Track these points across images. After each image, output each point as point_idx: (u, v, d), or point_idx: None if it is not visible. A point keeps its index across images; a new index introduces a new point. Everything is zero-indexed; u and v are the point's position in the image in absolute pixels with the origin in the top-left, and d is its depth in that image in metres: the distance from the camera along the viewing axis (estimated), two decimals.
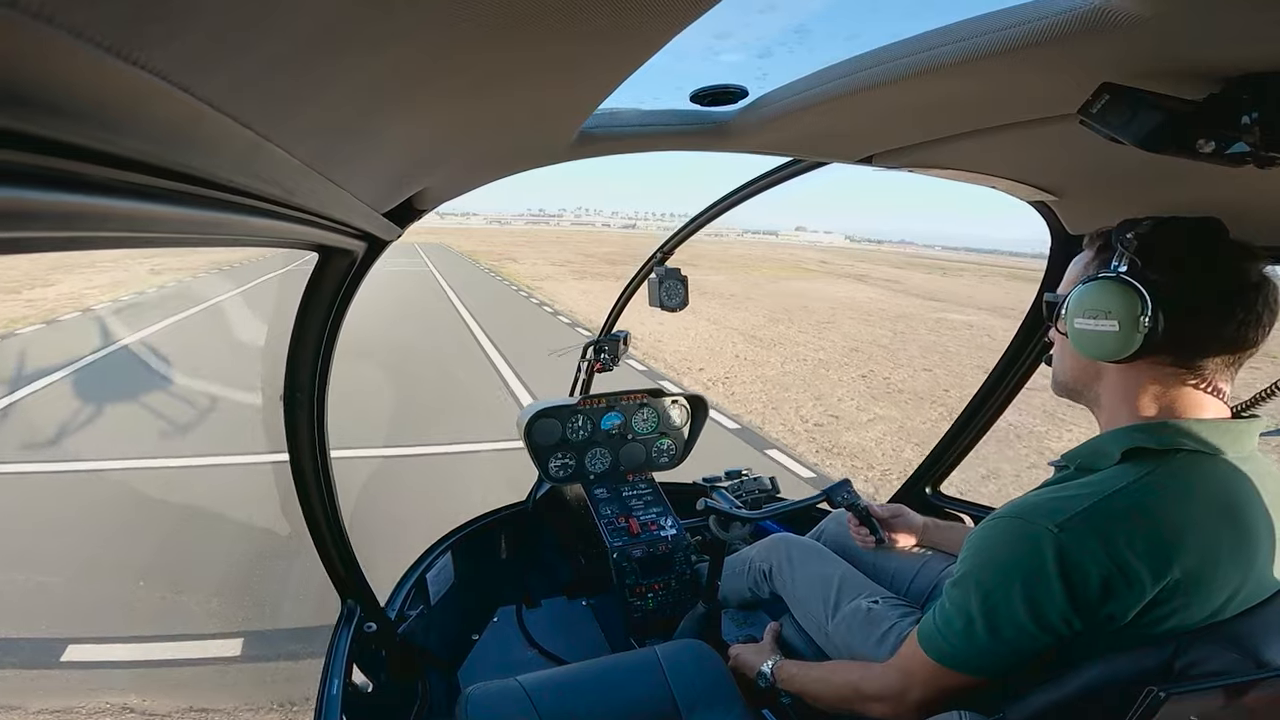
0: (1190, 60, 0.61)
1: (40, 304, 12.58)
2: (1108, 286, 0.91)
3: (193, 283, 17.16)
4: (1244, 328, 0.89)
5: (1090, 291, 0.93)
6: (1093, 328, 0.92)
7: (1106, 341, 0.90)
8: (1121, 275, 0.90)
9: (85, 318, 11.53)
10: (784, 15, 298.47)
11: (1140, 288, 0.87)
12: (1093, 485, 0.92)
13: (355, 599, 1.68)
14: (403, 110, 0.70)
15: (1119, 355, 0.90)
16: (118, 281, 16.40)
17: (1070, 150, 1.03)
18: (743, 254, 57.01)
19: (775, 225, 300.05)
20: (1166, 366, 0.93)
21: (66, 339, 9.63)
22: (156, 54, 0.32)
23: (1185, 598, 0.86)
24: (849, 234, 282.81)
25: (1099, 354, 0.93)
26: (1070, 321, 0.95)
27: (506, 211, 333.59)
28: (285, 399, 1.40)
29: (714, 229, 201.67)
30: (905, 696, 1.07)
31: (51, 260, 18.38)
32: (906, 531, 1.65)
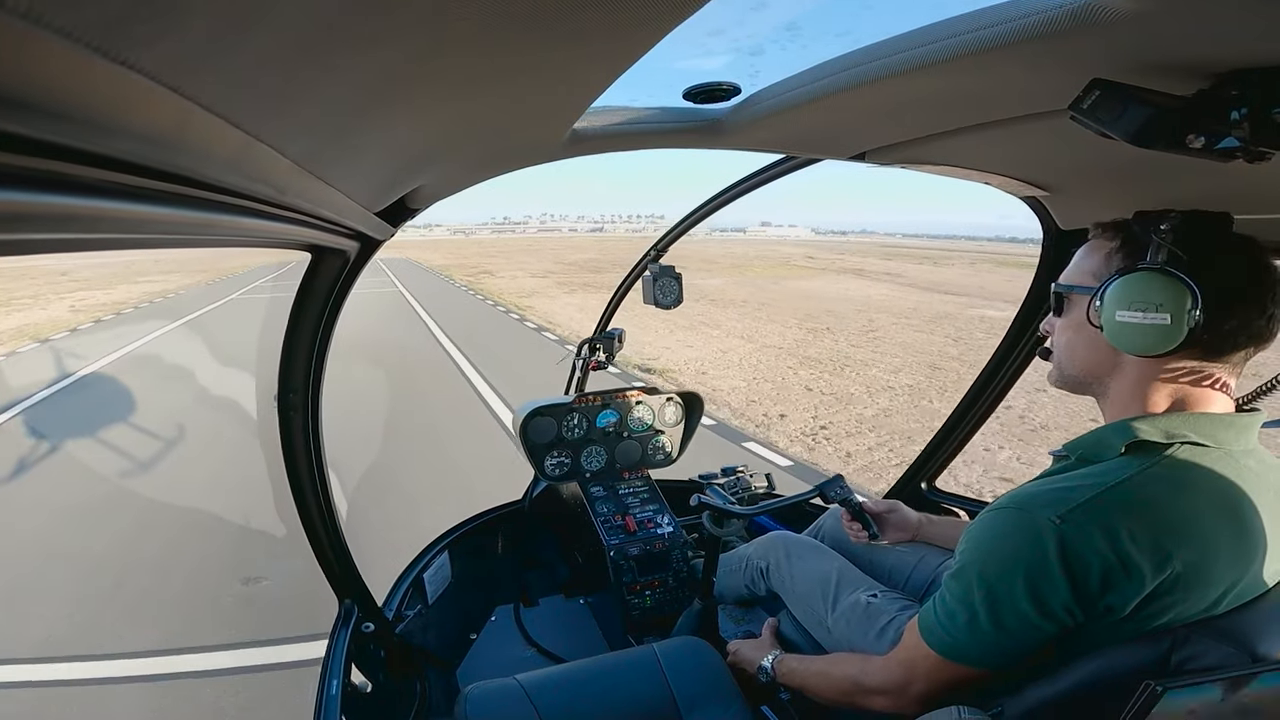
0: (1180, 56, 0.61)
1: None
2: (1156, 278, 0.88)
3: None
4: (1273, 320, 0.90)
5: (1135, 283, 0.90)
6: (1140, 320, 0.89)
7: (1154, 334, 0.88)
8: (1167, 268, 0.89)
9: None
10: (776, 12, 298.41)
11: (1189, 281, 0.86)
12: (1095, 476, 0.92)
13: (352, 599, 1.68)
14: (395, 109, 0.70)
15: (1164, 348, 0.89)
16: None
17: (1062, 146, 1.03)
18: (723, 253, 55.84)
19: (741, 222, 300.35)
20: (1192, 360, 0.93)
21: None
22: (145, 54, 0.32)
23: (1184, 591, 0.87)
24: (814, 227, 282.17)
25: (1142, 348, 0.91)
26: (1109, 314, 0.92)
27: (470, 221, 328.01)
28: (279, 399, 1.40)
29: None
30: (908, 689, 1.07)
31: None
32: (900, 527, 1.65)
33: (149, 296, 19.58)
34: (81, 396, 7.96)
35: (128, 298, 19.20)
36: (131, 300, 18.58)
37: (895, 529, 1.66)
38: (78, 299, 18.61)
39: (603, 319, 2.54)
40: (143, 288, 22.11)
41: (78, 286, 21.31)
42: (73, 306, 17.10)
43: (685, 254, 55.85)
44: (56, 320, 14.59)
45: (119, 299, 18.82)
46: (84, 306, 17.14)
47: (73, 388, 8.29)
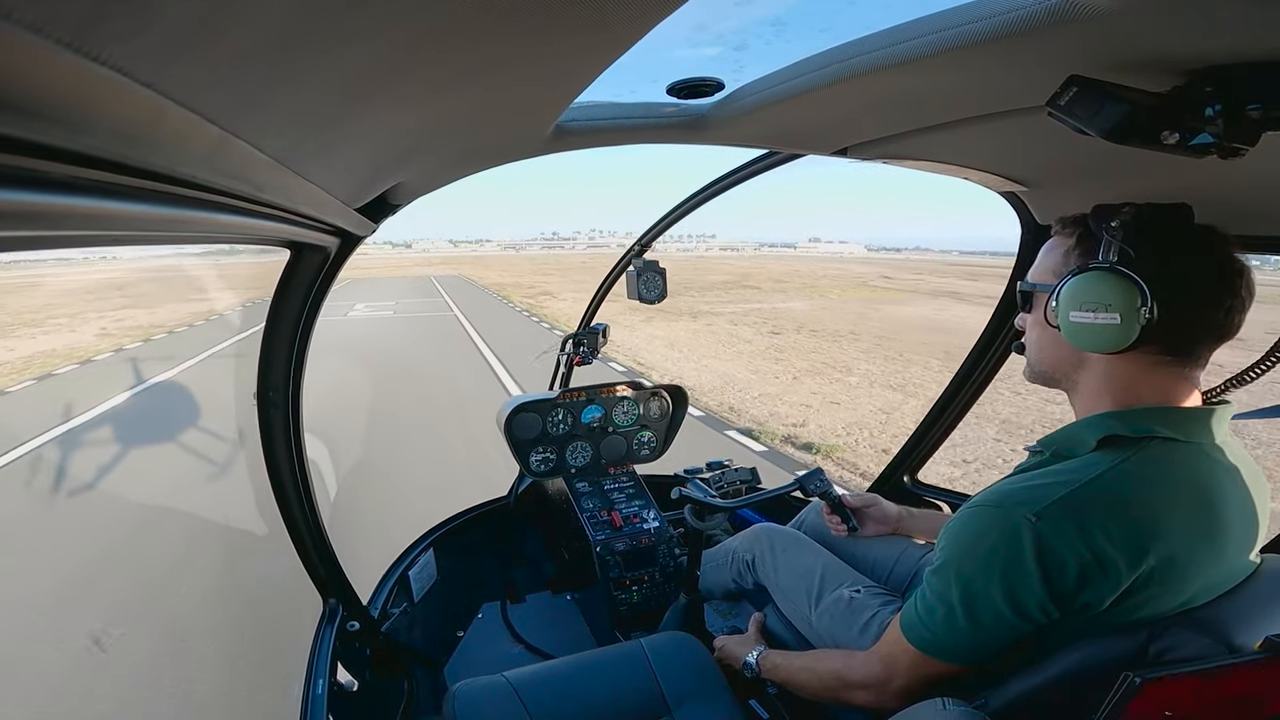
0: (1155, 52, 0.62)
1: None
2: (1104, 278, 0.89)
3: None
4: (1231, 314, 0.91)
5: (1086, 283, 0.91)
6: (1091, 320, 0.90)
7: (1106, 334, 0.89)
8: (1117, 266, 0.89)
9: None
10: (759, 8, 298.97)
11: (1138, 279, 0.87)
12: (1068, 473, 0.93)
13: (337, 598, 1.67)
14: (376, 105, 0.69)
15: (1117, 347, 0.89)
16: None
17: (1040, 142, 1.04)
18: (787, 270, 50.83)
19: (790, 238, 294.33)
20: (1154, 355, 0.93)
21: None
22: (118, 49, 0.31)
23: (1160, 585, 0.88)
24: (866, 244, 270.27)
25: (1096, 346, 0.92)
26: (1064, 314, 0.93)
27: (521, 236, 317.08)
28: (259, 397, 1.38)
29: (729, 243, 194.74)
30: (889, 684, 1.08)
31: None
32: (880, 520, 1.67)
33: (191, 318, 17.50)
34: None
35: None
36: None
37: (874, 522, 1.67)
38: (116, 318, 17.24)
39: (587, 314, 2.53)
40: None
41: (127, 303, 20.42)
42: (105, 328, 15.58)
43: (747, 270, 49.46)
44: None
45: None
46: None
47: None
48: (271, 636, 3.00)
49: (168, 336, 14.09)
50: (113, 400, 8.01)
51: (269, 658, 2.82)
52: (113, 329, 15.10)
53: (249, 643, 3.00)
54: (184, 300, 21.79)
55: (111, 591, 3.51)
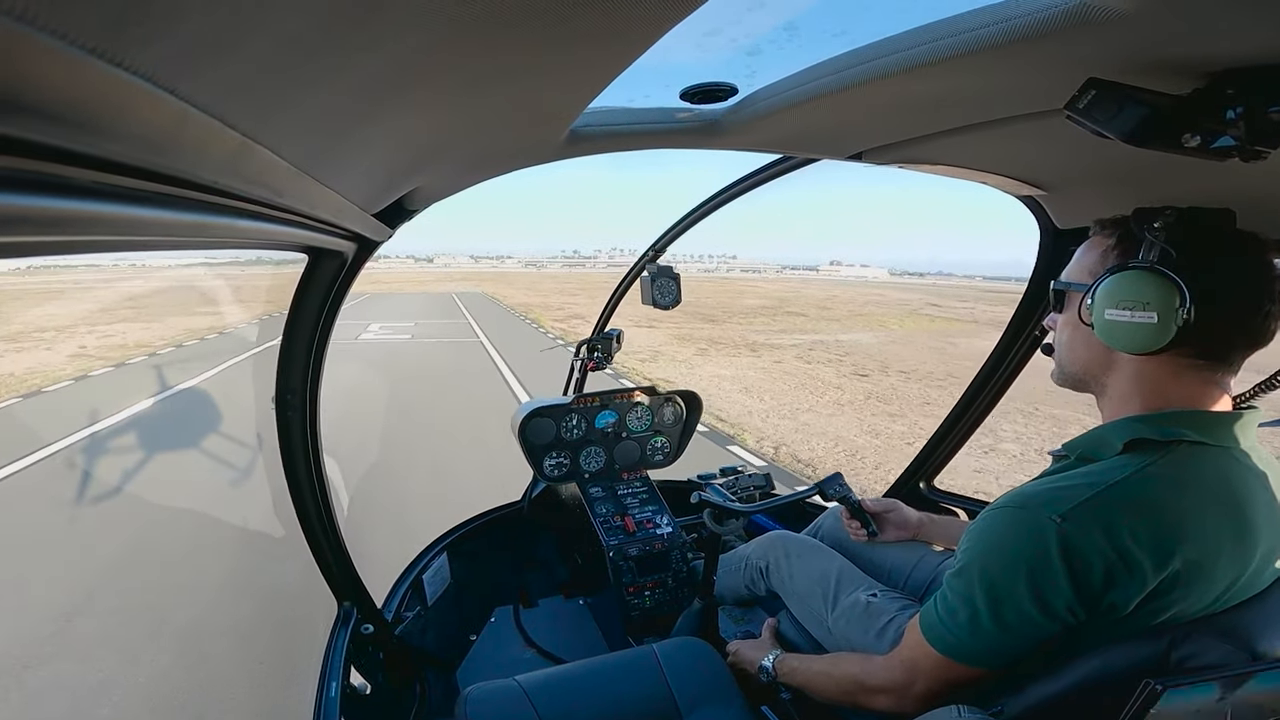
0: (1175, 55, 0.61)
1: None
2: (1144, 277, 0.88)
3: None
4: (1268, 319, 0.90)
5: (1124, 281, 0.90)
6: (1128, 319, 0.89)
7: (1141, 333, 0.88)
8: (1157, 266, 0.88)
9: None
10: (773, 12, 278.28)
11: (1177, 279, 0.86)
12: (1095, 475, 0.92)
13: (351, 601, 1.68)
14: (392, 111, 0.70)
15: (1153, 347, 0.88)
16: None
17: (1058, 145, 1.03)
18: (825, 297, 46.22)
19: (811, 260, 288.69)
20: (1186, 358, 0.92)
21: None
22: (140, 56, 0.32)
23: (1185, 588, 0.87)
24: (889, 267, 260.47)
25: (1131, 345, 0.91)
26: (1099, 312, 0.92)
27: (541, 254, 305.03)
28: (277, 401, 1.40)
29: (750, 264, 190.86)
30: (910, 689, 1.07)
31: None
32: (900, 525, 1.66)
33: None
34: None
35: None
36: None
37: (895, 527, 1.66)
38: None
39: (601, 319, 2.54)
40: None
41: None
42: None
43: (782, 294, 46.25)
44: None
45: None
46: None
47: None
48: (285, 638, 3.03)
49: (146, 359, 12.22)
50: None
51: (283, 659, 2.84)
52: (92, 348, 13.54)
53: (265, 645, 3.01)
54: (189, 313, 20.29)
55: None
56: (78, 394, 9.14)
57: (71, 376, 10.21)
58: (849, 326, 23.55)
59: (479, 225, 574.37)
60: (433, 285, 54.93)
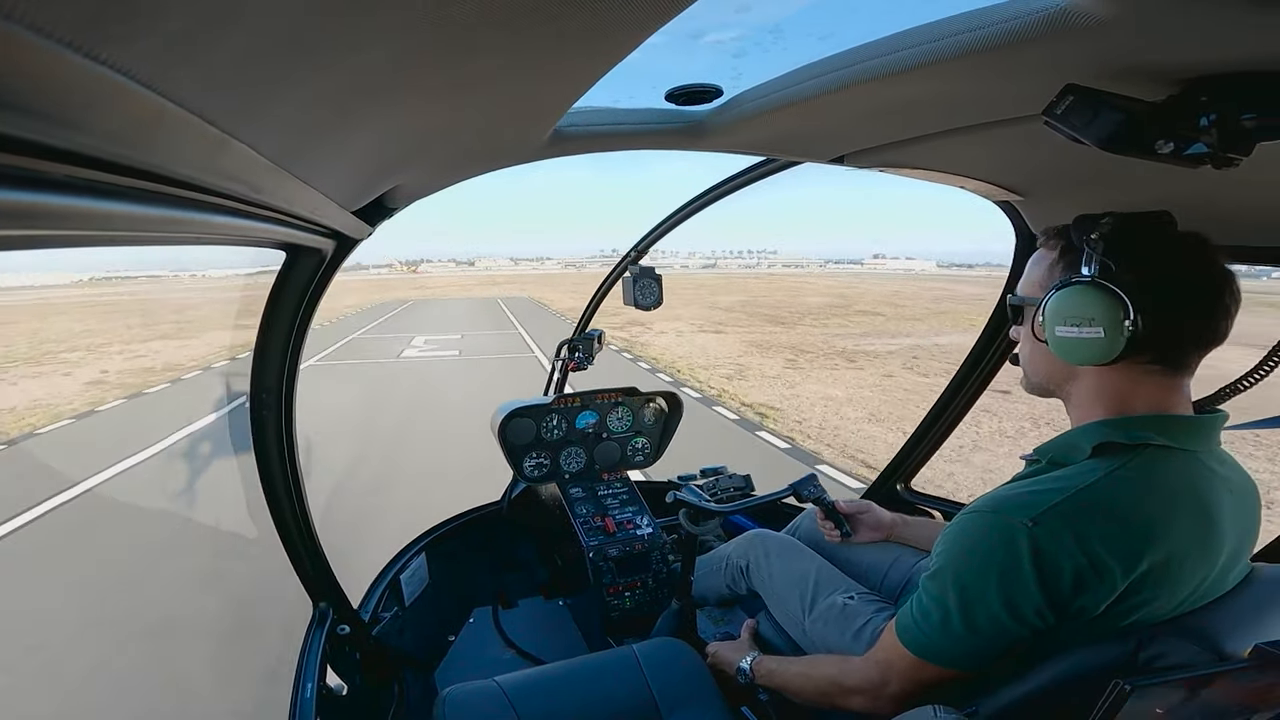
0: (1150, 62, 0.62)
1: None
2: (1086, 293, 0.90)
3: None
4: (1218, 320, 0.91)
5: (1068, 298, 0.92)
6: (1076, 335, 0.91)
7: (1091, 348, 0.90)
8: (1098, 280, 0.90)
9: None
10: (758, 15, 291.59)
11: (1119, 292, 0.87)
12: (1064, 479, 0.94)
13: (327, 601, 1.65)
14: (374, 108, 0.69)
15: (1104, 360, 0.90)
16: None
17: (1036, 150, 1.05)
18: (886, 291, 42.53)
19: (855, 253, 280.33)
20: (1144, 364, 0.94)
21: None
22: (120, 51, 0.31)
23: (1154, 590, 0.89)
24: (937, 259, 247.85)
25: (1084, 360, 0.93)
26: (1050, 329, 0.94)
27: (579, 254, 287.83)
28: (251, 400, 1.37)
29: (792, 260, 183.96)
30: (884, 689, 1.08)
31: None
32: (874, 527, 1.67)
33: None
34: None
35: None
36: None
37: (868, 528, 1.67)
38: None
39: (582, 320, 2.53)
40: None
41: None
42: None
43: (841, 290, 42.88)
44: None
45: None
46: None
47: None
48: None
49: (169, 387, 10.93)
50: None
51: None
52: (114, 373, 12.39)
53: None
54: (231, 326, 18.41)
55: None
56: (65, 440, 7.67)
57: (76, 413, 9.08)
58: (936, 327, 20.62)
59: (517, 227, 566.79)
60: (476, 290, 53.78)
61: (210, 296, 38.18)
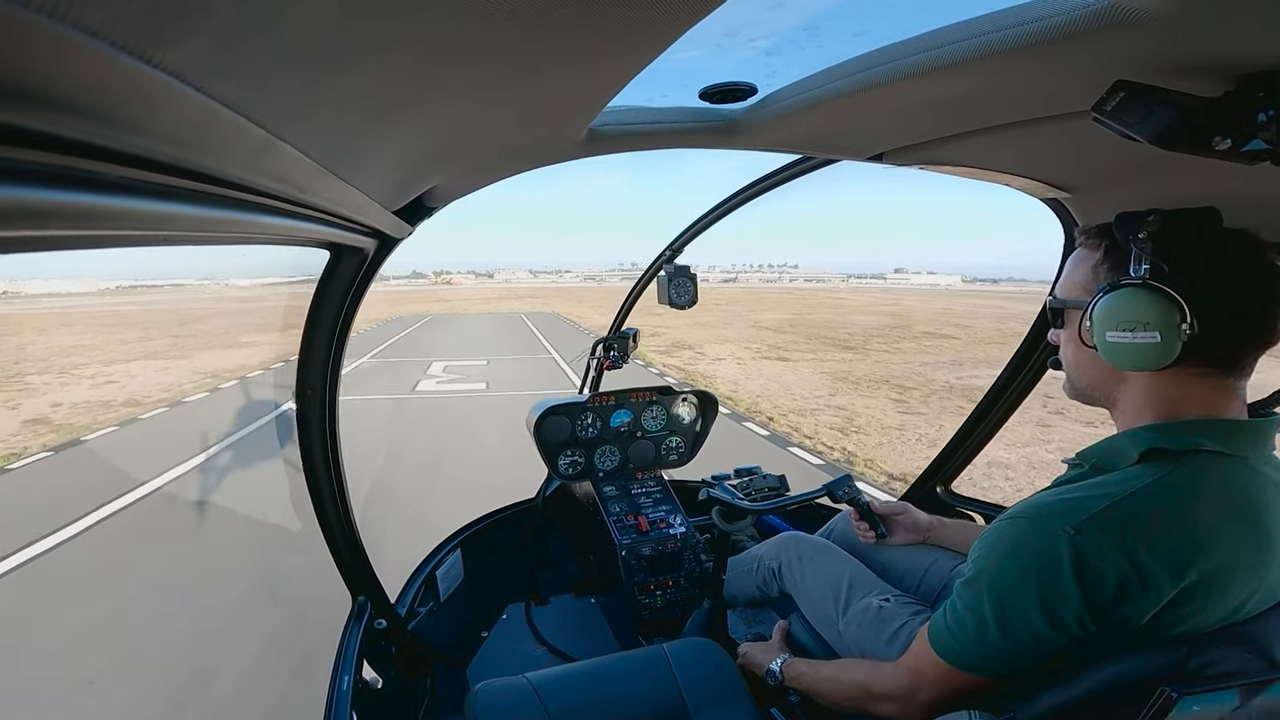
0: (1205, 57, 0.60)
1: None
2: (1138, 295, 0.86)
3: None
4: (1275, 320, 0.87)
5: (1119, 301, 0.88)
6: (1129, 340, 0.87)
7: (1146, 353, 0.86)
8: (1150, 282, 0.86)
9: None
10: (792, 12, 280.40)
11: (1176, 295, 0.84)
12: (1109, 486, 0.91)
13: (366, 595, 1.69)
14: (413, 108, 0.70)
15: (1159, 365, 0.86)
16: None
17: (1084, 147, 1.02)
18: (936, 310, 39.96)
19: (877, 268, 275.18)
20: (1198, 368, 0.90)
21: None
22: (170, 54, 0.33)
23: (1202, 600, 0.85)
24: (962, 274, 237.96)
25: (1139, 366, 0.89)
26: (1099, 334, 0.90)
27: (599, 266, 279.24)
28: (297, 395, 1.41)
29: (813, 274, 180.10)
30: (915, 696, 1.06)
31: None
32: (910, 528, 1.64)
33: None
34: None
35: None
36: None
37: (905, 530, 1.65)
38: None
39: (618, 318, 2.54)
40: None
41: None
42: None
43: (892, 310, 40.03)
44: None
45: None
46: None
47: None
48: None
49: (116, 431, 8.49)
50: None
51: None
52: (67, 406, 10.16)
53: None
54: (228, 345, 17.73)
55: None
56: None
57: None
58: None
59: (535, 238, 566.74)
60: (497, 304, 50.30)
61: (223, 308, 37.66)
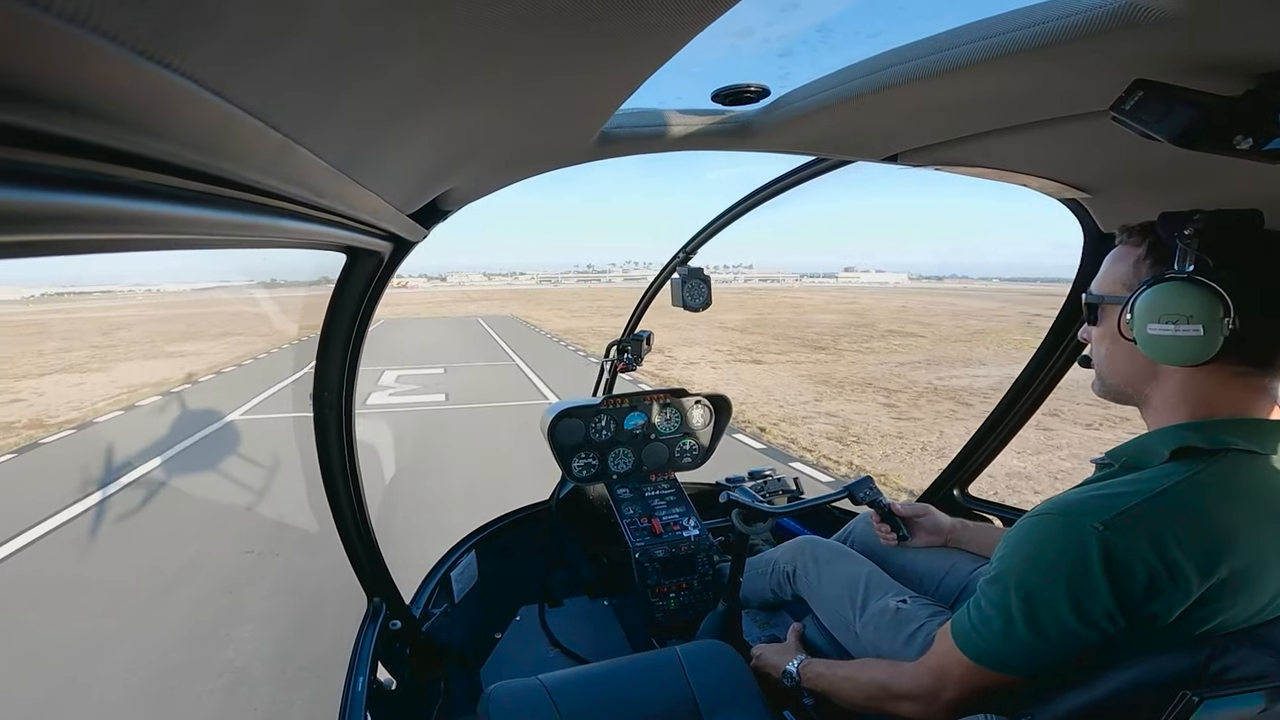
0: (1225, 55, 0.59)
1: None
2: (1185, 288, 0.86)
3: None
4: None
5: (1163, 294, 0.88)
6: (1171, 333, 0.87)
7: (1187, 346, 0.86)
8: (1196, 276, 0.86)
9: None
10: (805, 14, 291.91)
11: (1219, 289, 0.84)
12: (1140, 483, 0.90)
13: (381, 596, 1.71)
14: (427, 112, 0.71)
15: (1200, 359, 0.86)
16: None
17: (1103, 147, 1.01)
18: (894, 308, 39.08)
19: (828, 267, 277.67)
20: (1234, 365, 0.90)
21: None
22: (188, 59, 0.33)
23: (1231, 598, 0.85)
24: (908, 272, 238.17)
25: (1178, 359, 0.89)
26: (1140, 326, 0.90)
27: (554, 269, 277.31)
28: (314, 398, 1.43)
29: (768, 274, 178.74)
30: (939, 696, 1.05)
31: None
32: (932, 530, 1.63)
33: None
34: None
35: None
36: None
37: (926, 532, 1.63)
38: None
39: (631, 321, 2.54)
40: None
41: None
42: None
43: (858, 309, 39.26)
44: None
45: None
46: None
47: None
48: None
49: (26, 455, 7.74)
50: None
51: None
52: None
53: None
54: (150, 357, 16.83)
55: None
56: None
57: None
58: (997, 351, 17.65)
59: (489, 241, 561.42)
60: (452, 307, 48.32)
61: (152, 314, 36.74)
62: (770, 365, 15.17)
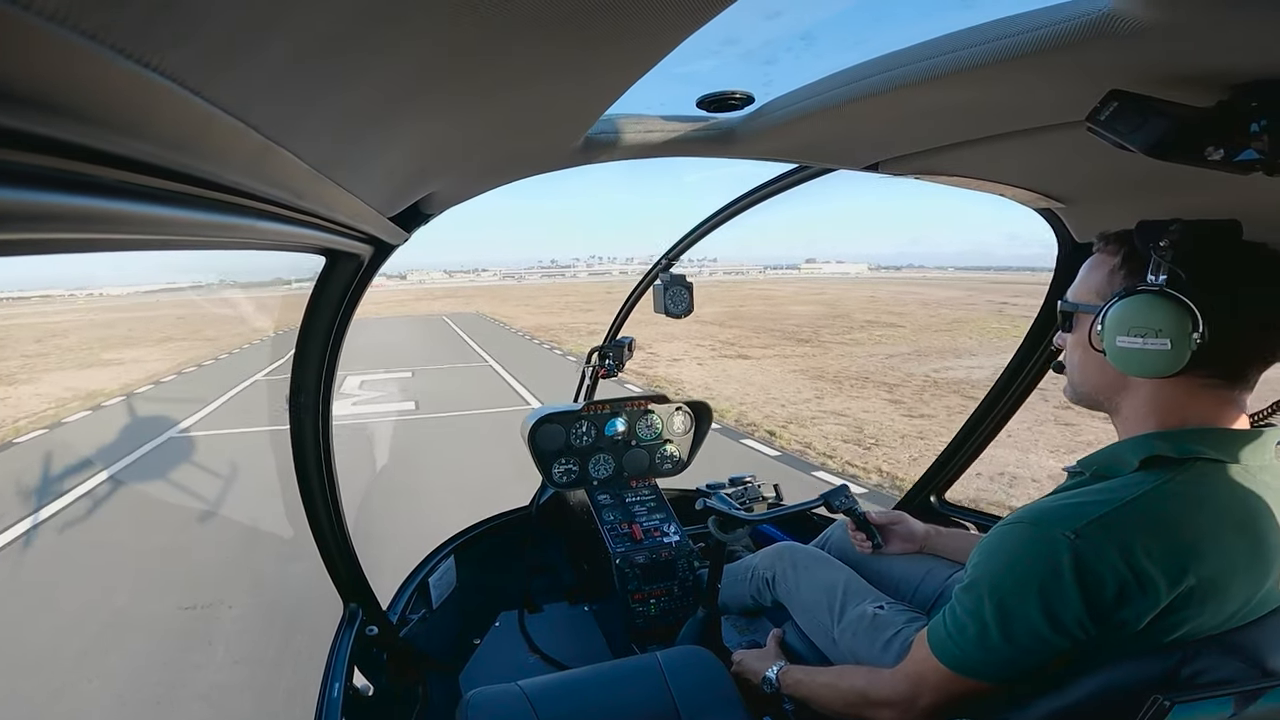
0: (1199, 67, 0.61)
1: None
2: (1153, 302, 0.86)
3: None
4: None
5: (1133, 307, 0.88)
6: (1139, 346, 0.87)
7: (1154, 360, 0.87)
8: (1167, 289, 0.86)
9: None
10: (790, 21, 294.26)
11: (1189, 303, 0.84)
12: (1110, 492, 0.91)
13: (358, 602, 1.68)
14: (410, 115, 0.70)
15: (1167, 373, 0.87)
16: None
17: (1078, 157, 1.02)
18: (862, 298, 38.43)
19: (789, 259, 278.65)
20: (1203, 378, 0.91)
21: None
22: (168, 58, 0.32)
23: (1199, 605, 0.86)
24: (868, 263, 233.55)
25: (1145, 372, 0.89)
26: (1110, 338, 0.90)
27: (517, 265, 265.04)
28: (290, 401, 1.41)
29: (733, 267, 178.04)
30: (915, 702, 1.06)
31: None
32: (906, 538, 1.64)
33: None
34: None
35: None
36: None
37: (901, 539, 1.65)
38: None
39: (613, 327, 2.54)
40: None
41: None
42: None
43: (831, 298, 39.44)
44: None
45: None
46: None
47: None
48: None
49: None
50: None
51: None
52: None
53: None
54: (84, 366, 15.75)
55: None
56: None
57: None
58: (980, 342, 17.36)
59: (451, 239, 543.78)
60: (414, 305, 46.34)
61: (92, 319, 34.90)
62: (758, 360, 14.79)
